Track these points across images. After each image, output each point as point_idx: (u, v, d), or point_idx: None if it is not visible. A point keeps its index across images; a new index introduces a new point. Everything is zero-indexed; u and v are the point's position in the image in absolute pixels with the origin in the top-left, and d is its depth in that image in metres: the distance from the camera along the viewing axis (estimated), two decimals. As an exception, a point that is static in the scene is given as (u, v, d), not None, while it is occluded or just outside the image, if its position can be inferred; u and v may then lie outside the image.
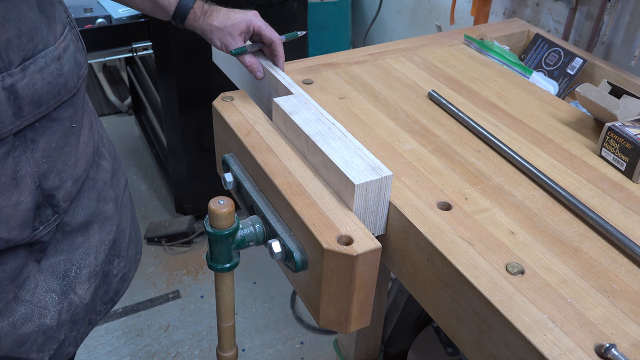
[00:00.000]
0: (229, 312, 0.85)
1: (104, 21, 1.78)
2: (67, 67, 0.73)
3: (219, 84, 1.88)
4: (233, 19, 0.93)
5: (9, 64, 0.64)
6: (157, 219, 2.24)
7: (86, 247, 0.83)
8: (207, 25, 0.94)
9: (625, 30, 1.34)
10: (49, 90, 0.70)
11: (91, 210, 0.84)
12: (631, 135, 0.85)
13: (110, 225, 0.88)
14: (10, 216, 0.69)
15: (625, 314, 0.63)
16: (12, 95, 0.65)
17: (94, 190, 0.84)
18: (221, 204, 0.74)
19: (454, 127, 0.96)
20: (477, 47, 1.24)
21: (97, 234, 0.85)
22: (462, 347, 0.70)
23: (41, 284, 0.78)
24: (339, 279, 0.70)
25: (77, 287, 0.82)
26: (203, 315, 1.88)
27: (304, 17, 1.98)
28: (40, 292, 0.78)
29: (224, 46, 0.95)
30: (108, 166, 0.89)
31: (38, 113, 0.69)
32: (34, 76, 0.67)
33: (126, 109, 2.89)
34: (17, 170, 0.69)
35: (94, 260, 0.84)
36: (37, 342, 0.78)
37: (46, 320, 0.78)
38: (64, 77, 0.72)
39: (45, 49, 0.69)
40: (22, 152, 0.69)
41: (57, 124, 0.73)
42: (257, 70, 0.98)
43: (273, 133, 0.89)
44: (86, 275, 0.83)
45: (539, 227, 0.75)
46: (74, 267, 0.82)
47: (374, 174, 0.74)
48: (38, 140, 0.71)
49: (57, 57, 0.71)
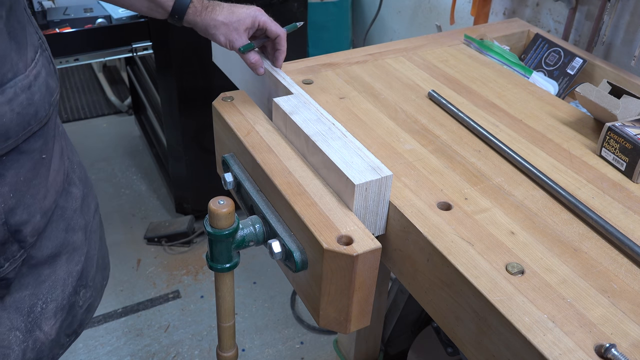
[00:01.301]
0: (229, 312, 0.85)
1: (104, 21, 1.78)
2: (38, 95, 0.68)
3: (219, 84, 1.88)
4: (238, 14, 0.90)
5: None
6: (157, 219, 2.24)
7: (53, 280, 0.78)
8: (210, 20, 0.90)
9: (625, 30, 1.34)
10: (18, 122, 0.65)
11: (59, 242, 0.78)
12: (631, 135, 0.85)
13: (79, 256, 0.83)
14: None
15: (625, 314, 0.63)
16: None
17: (63, 220, 0.79)
18: (221, 204, 0.74)
19: (454, 127, 0.96)
20: (477, 47, 1.24)
21: (65, 266, 0.80)
22: (462, 347, 0.70)
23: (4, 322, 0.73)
24: (339, 279, 0.70)
25: (43, 323, 0.77)
26: (203, 315, 1.88)
27: (304, 17, 1.98)
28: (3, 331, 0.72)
29: (229, 42, 0.91)
30: (78, 193, 0.83)
31: (6, 146, 0.65)
32: (2, 108, 0.63)
33: (126, 109, 2.89)
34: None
35: (61, 294, 0.79)
36: None
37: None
38: (34, 107, 0.67)
39: (15, 78, 0.65)
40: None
41: (25, 156, 0.68)
42: (260, 67, 0.96)
43: (273, 133, 0.89)
44: (52, 310, 0.78)
45: (539, 227, 0.75)
46: (39, 302, 0.76)
47: (374, 174, 0.74)
48: (5, 175, 0.66)
49: (27, 86, 0.66)
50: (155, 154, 2.47)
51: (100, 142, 2.68)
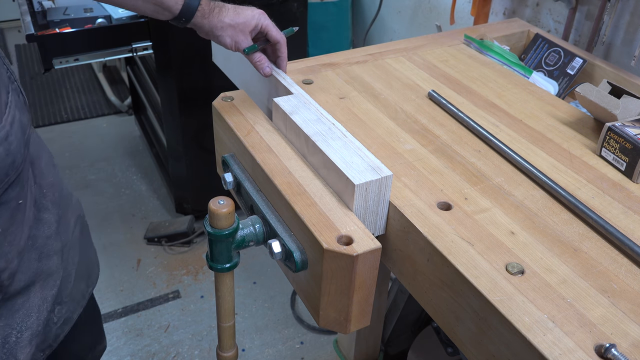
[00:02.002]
0: (229, 312, 0.85)
1: (104, 21, 1.78)
2: (14, 144, 0.65)
3: (219, 84, 1.88)
4: (243, 16, 0.91)
5: None
6: (157, 219, 2.24)
7: (27, 308, 0.75)
8: (217, 22, 0.90)
9: (625, 30, 1.34)
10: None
11: (32, 272, 0.76)
12: (631, 135, 0.85)
13: (54, 280, 0.80)
14: None
15: (625, 314, 0.63)
16: None
17: (35, 250, 0.76)
18: (221, 204, 0.74)
19: (454, 127, 0.96)
20: (477, 47, 1.24)
21: (39, 293, 0.77)
22: (462, 347, 0.69)
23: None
24: (339, 279, 0.70)
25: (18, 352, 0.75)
26: (203, 315, 1.88)
27: (304, 17, 1.98)
28: None
29: (236, 43, 0.91)
30: (52, 218, 0.80)
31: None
32: None
33: (126, 109, 2.89)
34: None
35: (35, 321, 0.77)
36: None
37: None
38: (11, 156, 0.64)
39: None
40: None
41: (3, 207, 0.66)
42: (265, 66, 0.95)
43: (273, 133, 0.89)
44: (27, 339, 0.76)
45: (539, 227, 0.75)
46: (14, 332, 0.74)
47: (374, 174, 0.74)
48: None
49: (4, 138, 0.63)
50: (155, 154, 2.47)
51: (100, 142, 2.68)
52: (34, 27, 1.69)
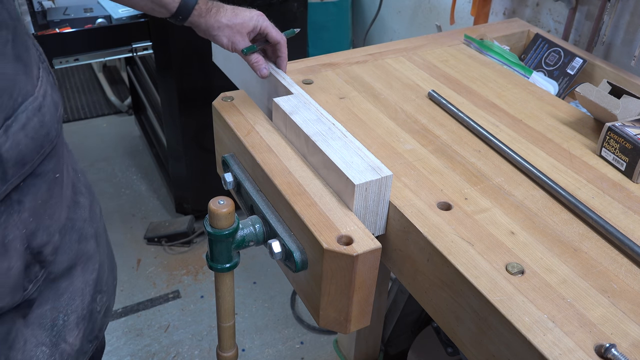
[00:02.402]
0: (229, 312, 0.85)
1: (104, 21, 1.78)
2: (48, 115, 0.67)
3: (219, 84, 1.88)
4: (241, 17, 0.91)
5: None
6: (157, 219, 2.24)
7: (71, 291, 0.78)
8: (214, 22, 0.90)
9: (625, 30, 1.34)
10: (33, 147, 0.64)
11: (73, 254, 0.78)
12: (631, 135, 0.85)
13: (93, 264, 0.82)
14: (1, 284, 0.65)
15: (625, 314, 0.63)
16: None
17: (74, 231, 0.78)
18: (221, 204, 0.74)
19: (454, 127, 0.96)
20: (477, 47, 1.24)
21: (81, 276, 0.80)
22: (462, 347, 0.69)
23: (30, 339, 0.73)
24: (339, 279, 0.70)
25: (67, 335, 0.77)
26: (203, 315, 1.88)
27: (304, 17, 1.98)
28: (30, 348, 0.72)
29: (232, 44, 0.92)
30: (86, 202, 0.82)
31: (23, 173, 0.64)
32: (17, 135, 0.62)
33: (126, 109, 2.89)
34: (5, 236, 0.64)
35: (80, 304, 0.79)
36: None
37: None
38: (46, 128, 0.66)
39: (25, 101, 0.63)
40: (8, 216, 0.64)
41: (41, 179, 0.68)
42: (262, 68, 0.96)
43: (273, 133, 0.89)
44: (75, 321, 0.78)
45: (539, 227, 0.75)
46: (61, 315, 0.76)
47: (374, 174, 0.74)
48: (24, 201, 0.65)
49: (38, 108, 0.65)
50: (155, 154, 2.47)
51: (100, 142, 2.68)
52: (33, 27, 1.69)
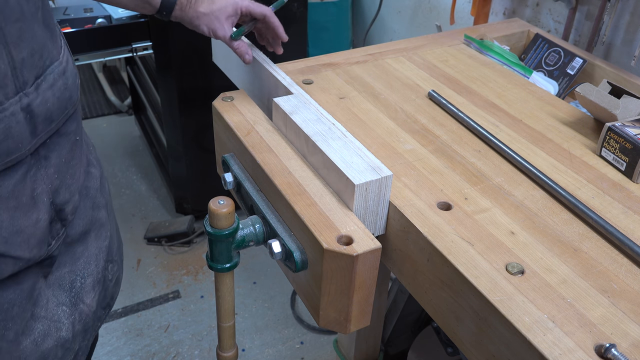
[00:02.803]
0: (229, 312, 0.85)
1: (104, 21, 1.78)
2: (70, 80, 0.74)
3: (219, 84, 1.88)
4: (218, 3, 0.93)
5: (24, 83, 0.65)
6: (157, 219, 2.24)
7: (86, 256, 0.84)
8: (193, 12, 0.92)
9: (625, 30, 1.34)
10: (59, 106, 0.71)
11: (88, 219, 0.84)
12: (631, 135, 0.85)
13: (105, 232, 0.88)
14: (30, 235, 0.70)
15: (625, 314, 0.63)
16: (29, 114, 0.66)
17: (88, 198, 0.84)
18: (221, 204, 0.74)
19: (454, 127, 0.96)
20: (477, 47, 1.24)
21: (95, 242, 0.86)
22: (462, 347, 0.70)
23: (51, 299, 0.79)
24: (339, 279, 0.70)
25: (85, 296, 0.83)
26: (203, 315, 1.88)
27: (304, 17, 1.98)
28: (52, 307, 0.78)
29: (211, 31, 0.94)
30: (97, 173, 0.89)
31: (50, 130, 0.70)
32: (46, 93, 0.68)
33: (126, 109, 2.89)
34: (35, 189, 0.70)
35: (95, 268, 0.85)
36: (58, 356, 0.79)
37: (62, 333, 0.79)
38: (69, 91, 0.73)
39: (52, 65, 0.70)
40: (37, 170, 0.70)
41: (64, 138, 0.74)
42: (245, 54, 0.97)
43: (273, 133, 0.89)
44: (91, 284, 0.84)
45: (539, 227, 0.75)
46: (78, 278, 0.82)
47: (374, 174, 0.74)
48: (50, 157, 0.72)
49: (62, 72, 0.72)
50: (155, 154, 2.47)
51: (100, 142, 2.68)
52: (34, 27, 1.69)
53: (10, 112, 0.63)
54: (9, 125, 0.63)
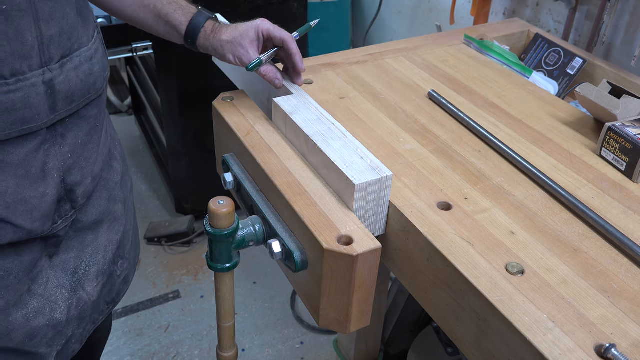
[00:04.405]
0: (229, 312, 0.85)
1: (104, 21, 1.78)
2: (96, 67, 0.77)
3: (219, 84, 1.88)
4: (241, 29, 0.90)
5: (50, 59, 0.68)
6: (157, 219, 2.24)
7: (95, 245, 0.86)
8: (217, 41, 0.90)
9: (625, 30, 1.34)
10: (81, 88, 0.74)
11: (102, 210, 0.86)
12: (631, 135, 0.85)
13: (119, 226, 0.90)
14: (35, 207, 0.72)
15: (625, 314, 0.63)
16: (50, 89, 0.69)
17: (106, 190, 0.87)
18: (221, 204, 0.74)
19: (454, 127, 0.96)
20: (477, 47, 1.24)
21: (106, 234, 0.87)
22: (462, 347, 0.70)
23: (52, 280, 0.80)
24: (339, 279, 0.70)
25: (86, 284, 0.85)
26: (203, 315, 1.88)
27: (304, 17, 1.98)
28: (51, 287, 0.80)
29: (237, 59, 0.90)
30: (119, 168, 0.92)
31: (70, 109, 0.73)
32: (70, 73, 0.71)
33: (126, 109, 2.89)
34: (46, 163, 0.72)
35: (102, 259, 0.87)
36: (47, 337, 0.81)
37: (56, 315, 0.81)
38: (93, 77, 0.76)
39: (80, 49, 0.73)
40: (51, 145, 0.72)
41: (84, 121, 0.77)
42: (274, 79, 0.93)
43: (273, 133, 0.89)
44: (94, 273, 0.86)
45: (539, 227, 0.75)
46: (83, 265, 0.84)
47: (374, 174, 0.74)
48: (67, 136, 0.74)
49: (89, 58, 0.75)
50: (155, 154, 2.47)
51: (100, 142, 2.68)
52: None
53: (31, 83, 0.67)
54: (27, 95, 0.66)
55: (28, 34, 0.65)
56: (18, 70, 0.65)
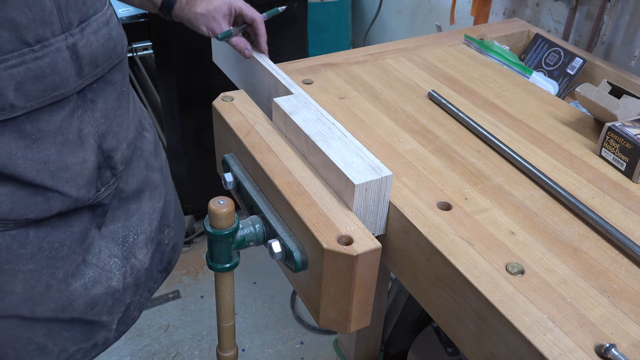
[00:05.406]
0: (229, 312, 0.85)
1: (104, 21, 1.78)
2: (114, 32, 0.78)
3: (219, 84, 1.88)
4: (215, 3, 0.96)
5: (70, 24, 0.69)
6: (157, 219, 2.24)
7: (140, 214, 0.88)
8: (191, 13, 0.96)
9: (625, 30, 1.34)
10: (103, 52, 0.75)
11: (142, 178, 0.88)
12: (631, 135, 0.85)
13: (159, 194, 0.93)
14: (77, 174, 0.74)
15: (625, 314, 0.63)
16: (74, 54, 0.70)
17: (142, 159, 0.89)
18: (221, 204, 0.74)
19: (454, 127, 0.96)
20: (477, 47, 1.24)
21: (149, 202, 0.90)
22: (462, 347, 0.70)
23: (104, 250, 0.82)
24: (339, 279, 0.70)
25: (137, 252, 0.87)
26: (203, 315, 1.88)
27: (304, 17, 1.98)
28: (104, 257, 0.82)
29: (210, 31, 0.97)
30: (151, 137, 0.94)
31: (95, 74, 0.74)
32: (90, 37, 0.72)
33: (126, 109, 2.89)
34: (81, 129, 0.73)
35: (148, 227, 0.89)
36: (107, 304, 0.83)
37: (113, 282, 0.83)
38: (113, 41, 0.78)
39: (96, 14, 0.75)
40: (84, 111, 0.74)
41: (111, 86, 0.78)
42: (244, 49, 0.99)
43: (273, 133, 0.89)
44: (143, 241, 0.88)
45: (539, 227, 0.75)
46: (131, 234, 0.86)
47: (374, 174, 0.74)
48: (96, 101, 0.75)
49: (106, 22, 0.76)
50: (155, 154, 2.47)
51: (100, 142, 2.68)
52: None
53: (56, 48, 0.67)
54: (54, 61, 0.67)
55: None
56: (42, 36, 0.66)
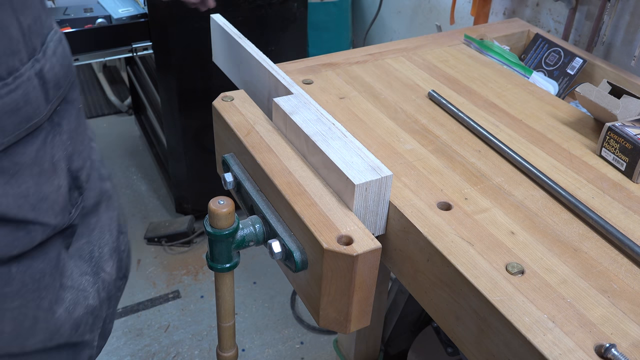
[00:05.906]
0: (229, 312, 0.85)
1: (104, 21, 1.78)
2: (67, 48, 0.77)
3: (219, 84, 1.88)
4: None
5: (34, 49, 0.68)
6: (157, 219, 2.24)
7: (100, 226, 0.87)
8: None
9: (625, 30, 1.34)
10: (64, 73, 0.74)
11: (98, 190, 0.87)
12: (631, 135, 0.85)
13: (113, 202, 0.92)
14: (54, 202, 0.73)
15: (625, 314, 0.63)
16: (42, 80, 0.69)
17: (95, 170, 0.88)
18: (221, 204, 0.74)
19: (454, 127, 0.96)
20: (477, 47, 1.24)
21: (105, 213, 0.89)
22: (462, 347, 0.70)
23: (75, 269, 0.82)
24: (339, 279, 0.70)
25: (104, 265, 0.86)
26: (203, 315, 1.88)
27: (304, 17, 1.98)
28: (76, 277, 0.81)
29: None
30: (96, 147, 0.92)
31: (59, 96, 0.73)
32: (52, 59, 0.71)
33: (126, 109, 2.89)
34: (54, 155, 0.72)
35: (109, 238, 0.88)
36: (89, 323, 0.83)
37: (90, 301, 0.82)
38: (68, 58, 0.77)
39: (50, 32, 0.73)
40: (53, 136, 0.72)
41: (71, 106, 0.77)
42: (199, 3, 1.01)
43: (273, 133, 0.89)
44: (108, 253, 0.88)
45: (539, 227, 0.75)
46: (95, 248, 0.86)
47: (374, 174, 0.74)
48: (62, 123, 0.74)
49: (59, 40, 0.75)
50: (155, 154, 2.47)
51: (100, 142, 2.68)
52: (34, 27, 1.69)
53: (27, 77, 0.66)
54: (26, 91, 0.66)
55: (11, 27, 0.64)
56: (12, 67, 0.65)
